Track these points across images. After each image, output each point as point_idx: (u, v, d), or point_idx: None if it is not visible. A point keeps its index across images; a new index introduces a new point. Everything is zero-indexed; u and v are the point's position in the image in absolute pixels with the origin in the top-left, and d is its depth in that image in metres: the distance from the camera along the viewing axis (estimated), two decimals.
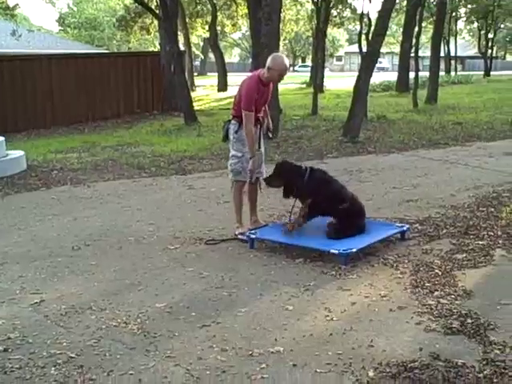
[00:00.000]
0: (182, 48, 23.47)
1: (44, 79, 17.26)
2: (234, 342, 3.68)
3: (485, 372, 3.22)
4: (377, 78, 26.40)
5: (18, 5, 22.29)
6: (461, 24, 51.12)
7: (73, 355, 3.56)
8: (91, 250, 5.68)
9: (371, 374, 3.24)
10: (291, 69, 65.08)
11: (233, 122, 5.86)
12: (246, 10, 21.15)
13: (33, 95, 16.85)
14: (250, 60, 19.33)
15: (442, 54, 25.00)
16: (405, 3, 27.41)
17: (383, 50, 23.01)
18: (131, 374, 3.34)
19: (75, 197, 8.05)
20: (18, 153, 10.16)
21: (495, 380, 3.14)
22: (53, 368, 3.42)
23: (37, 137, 15.33)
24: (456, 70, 44.09)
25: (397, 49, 40.45)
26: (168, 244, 5.76)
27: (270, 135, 6.16)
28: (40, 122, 16.79)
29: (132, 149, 12.33)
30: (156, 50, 33.77)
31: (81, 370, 3.39)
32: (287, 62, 5.76)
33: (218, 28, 36.49)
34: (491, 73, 41.04)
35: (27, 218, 6.97)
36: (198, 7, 35.98)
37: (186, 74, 21.37)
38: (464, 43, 60.93)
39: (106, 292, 4.60)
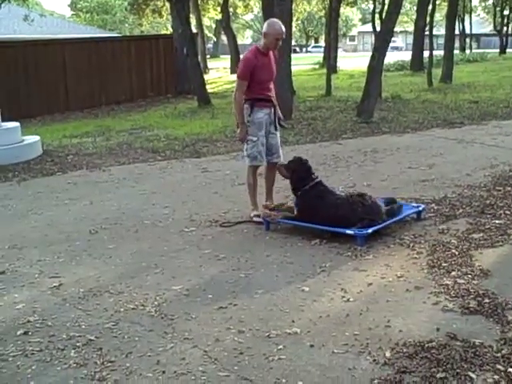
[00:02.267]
0: (194, 30, 23.37)
1: (57, 64, 17.33)
2: (251, 323, 3.70)
3: (502, 351, 3.21)
4: (391, 58, 26.13)
5: None
6: (475, 1, 50.39)
7: (92, 338, 3.60)
8: (108, 234, 5.72)
9: (388, 354, 3.25)
10: (304, 50, 64.74)
11: (245, 105, 5.74)
12: None
13: (46, 81, 16.91)
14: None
15: (456, 31, 24.64)
16: None
17: (397, 28, 22.76)
18: (149, 355, 3.37)
19: (91, 181, 8.10)
20: (33, 138, 10.22)
21: None
22: (72, 350, 3.47)
23: (51, 122, 15.42)
24: (471, 48, 43.51)
25: (411, 27, 40.03)
26: (184, 227, 5.78)
27: (285, 125, 6.07)
28: (54, 107, 16.89)
29: (146, 132, 12.36)
30: (168, 32, 33.66)
31: (100, 352, 3.43)
32: (282, 25, 5.71)
33: (230, 9, 36.24)
34: (507, 50, 40.41)
35: (44, 203, 7.03)
36: None
37: (199, 56, 21.29)
38: (479, 20, 60.03)
39: (124, 275, 4.64)
